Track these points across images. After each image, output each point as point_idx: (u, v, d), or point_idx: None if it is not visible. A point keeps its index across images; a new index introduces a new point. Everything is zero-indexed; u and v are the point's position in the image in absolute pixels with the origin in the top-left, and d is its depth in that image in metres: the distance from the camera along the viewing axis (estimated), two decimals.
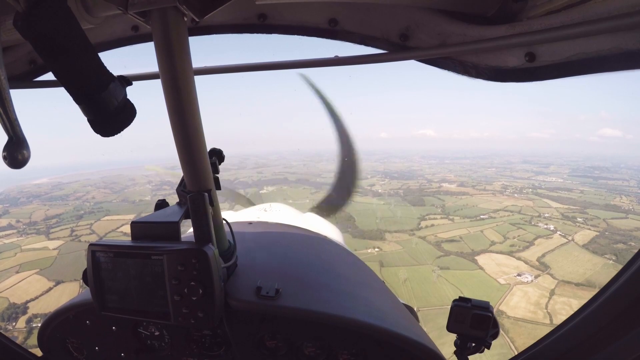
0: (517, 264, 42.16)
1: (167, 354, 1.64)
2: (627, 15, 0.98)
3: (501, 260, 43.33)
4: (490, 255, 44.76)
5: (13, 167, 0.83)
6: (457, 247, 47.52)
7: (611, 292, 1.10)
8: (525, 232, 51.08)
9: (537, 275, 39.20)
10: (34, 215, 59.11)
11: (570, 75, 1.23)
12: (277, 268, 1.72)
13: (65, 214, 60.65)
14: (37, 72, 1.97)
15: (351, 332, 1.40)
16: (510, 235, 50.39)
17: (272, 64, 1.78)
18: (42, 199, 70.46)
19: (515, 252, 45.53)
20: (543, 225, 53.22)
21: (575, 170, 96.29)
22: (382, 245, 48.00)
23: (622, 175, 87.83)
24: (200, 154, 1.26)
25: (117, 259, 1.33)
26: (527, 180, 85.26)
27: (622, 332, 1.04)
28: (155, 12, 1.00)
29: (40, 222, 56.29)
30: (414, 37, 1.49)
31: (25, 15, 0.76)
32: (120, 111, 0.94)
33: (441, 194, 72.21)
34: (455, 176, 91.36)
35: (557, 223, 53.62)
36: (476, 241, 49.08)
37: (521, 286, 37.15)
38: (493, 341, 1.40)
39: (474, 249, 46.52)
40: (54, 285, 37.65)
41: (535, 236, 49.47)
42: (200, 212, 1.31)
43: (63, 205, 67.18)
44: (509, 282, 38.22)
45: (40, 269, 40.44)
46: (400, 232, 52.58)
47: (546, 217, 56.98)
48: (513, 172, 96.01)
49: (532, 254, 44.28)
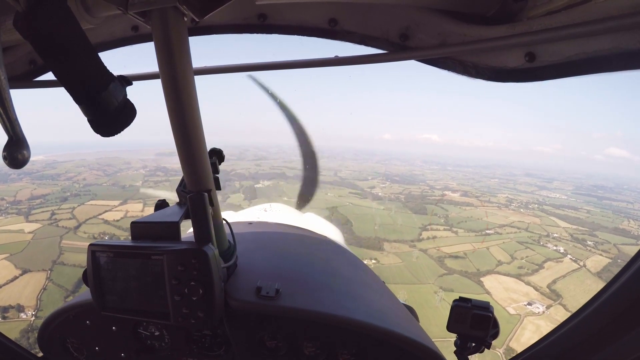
0: (526, 290, 39.18)
1: (167, 354, 1.64)
2: (627, 15, 0.98)
3: (509, 285, 40.34)
4: (497, 277, 41.82)
5: (13, 167, 0.83)
6: (461, 265, 44.34)
7: (611, 292, 1.10)
8: (534, 253, 48.08)
9: (549, 306, 36.24)
10: (19, 194, 57.05)
11: (570, 75, 1.23)
12: (277, 268, 1.72)
13: (51, 194, 58.54)
14: (37, 72, 1.97)
15: (351, 332, 1.40)
16: (518, 255, 47.42)
17: (272, 64, 1.78)
18: (33, 177, 68.06)
19: (523, 275, 42.47)
20: (552, 247, 50.24)
21: (579, 187, 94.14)
22: (380, 257, 45.01)
23: (625, 197, 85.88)
24: (200, 154, 1.26)
25: (117, 259, 1.33)
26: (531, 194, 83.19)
27: (622, 332, 1.04)
28: (155, 12, 1.00)
29: (24, 202, 54.26)
30: (414, 37, 1.49)
31: (25, 15, 0.76)
32: (120, 111, 0.94)
33: (444, 203, 69.24)
34: (458, 184, 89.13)
35: (567, 245, 50.68)
36: (482, 259, 45.85)
37: (532, 318, 34.03)
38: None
39: (479, 269, 43.44)
40: (20, 274, 35.67)
41: (545, 258, 46.44)
42: (200, 212, 1.31)
43: (52, 185, 64.95)
44: (518, 312, 35.10)
45: (11, 253, 38.60)
46: (400, 242, 49.71)
47: (555, 237, 54.21)
48: (516, 185, 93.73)
49: (542, 279, 41.32)
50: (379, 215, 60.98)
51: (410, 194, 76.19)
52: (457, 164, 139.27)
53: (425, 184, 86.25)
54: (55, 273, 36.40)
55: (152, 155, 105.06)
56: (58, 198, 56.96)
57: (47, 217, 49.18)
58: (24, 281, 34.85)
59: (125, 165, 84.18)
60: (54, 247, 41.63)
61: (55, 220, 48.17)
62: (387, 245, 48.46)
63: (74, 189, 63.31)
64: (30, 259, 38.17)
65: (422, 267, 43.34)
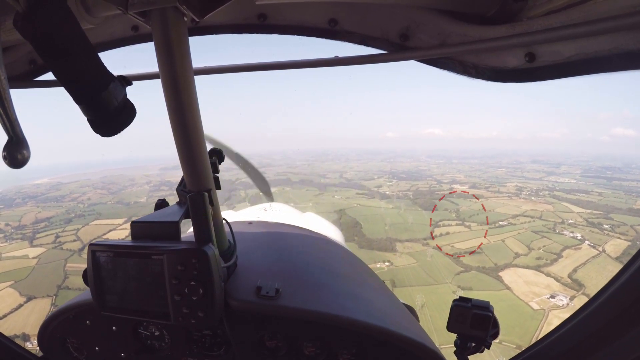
0: (547, 282, 37.89)
1: (167, 354, 1.64)
2: (627, 15, 0.98)
3: (529, 277, 38.85)
4: (515, 271, 40.24)
5: (13, 167, 0.83)
6: (477, 260, 42.66)
7: (611, 292, 1.10)
8: (551, 242, 46.90)
9: (572, 297, 35.37)
10: (24, 218, 57.02)
11: (571, 76, 1.23)
12: (277, 268, 1.72)
13: (56, 217, 58.50)
14: (37, 72, 1.97)
15: (351, 332, 1.40)
16: (535, 245, 46.17)
17: (272, 64, 1.78)
18: (38, 200, 68.64)
19: (542, 266, 41.13)
20: (569, 234, 48.95)
21: (587, 170, 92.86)
22: (393, 259, 43.32)
23: (635, 176, 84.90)
24: (200, 154, 1.26)
25: (117, 258, 1.33)
26: (540, 181, 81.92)
27: (623, 332, 1.04)
28: (155, 12, 1.00)
29: (28, 226, 54.26)
30: (414, 37, 1.49)
31: (25, 15, 0.76)
32: (120, 111, 0.94)
33: (454, 197, 67.63)
34: (465, 177, 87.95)
35: (584, 231, 49.30)
36: (498, 253, 44.41)
37: (557, 312, 32.91)
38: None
39: (496, 263, 41.88)
40: (25, 301, 35.28)
41: (563, 247, 45.28)
42: (200, 212, 1.31)
43: (56, 207, 65.21)
44: (542, 306, 34.12)
45: (15, 280, 38.24)
46: (412, 241, 48.12)
47: (570, 223, 52.99)
48: (524, 173, 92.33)
49: (562, 269, 40.01)
50: (389, 214, 59.85)
51: (418, 190, 75.18)
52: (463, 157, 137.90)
53: (432, 179, 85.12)
54: (60, 298, 35.95)
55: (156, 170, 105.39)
56: (62, 220, 57.00)
57: (51, 240, 49.19)
58: (29, 309, 34.64)
59: (129, 182, 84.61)
60: (58, 271, 41.28)
61: (60, 243, 48.18)
62: (399, 245, 47.15)
63: (78, 210, 63.38)
64: (35, 285, 37.84)
65: (437, 266, 41.94)
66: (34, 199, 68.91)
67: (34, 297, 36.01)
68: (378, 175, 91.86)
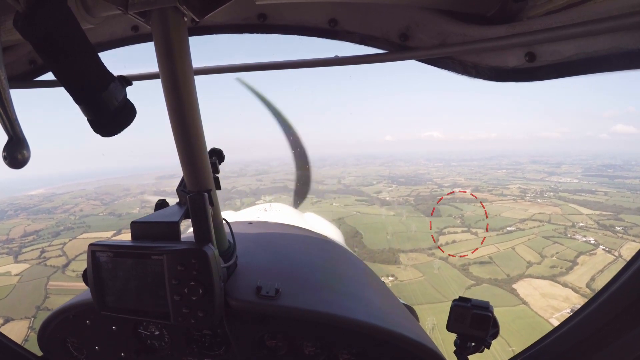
0: (565, 294, 35.46)
1: (167, 353, 1.64)
2: (627, 15, 0.98)
3: (545, 289, 36.19)
4: (530, 282, 37.49)
5: (13, 167, 0.83)
6: (488, 272, 39.62)
7: (611, 292, 1.10)
8: (564, 248, 44.24)
9: None
10: (12, 231, 55.05)
11: (570, 75, 1.23)
12: (277, 268, 1.72)
13: (45, 230, 56.43)
14: (37, 72, 1.97)
15: (351, 332, 1.40)
16: (547, 252, 43.53)
17: (272, 64, 1.78)
18: (29, 212, 66.80)
19: (558, 275, 38.55)
20: (581, 238, 46.34)
21: (587, 169, 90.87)
22: (398, 272, 40.30)
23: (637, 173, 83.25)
24: (200, 154, 1.27)
25: (117, 258, 1.33)
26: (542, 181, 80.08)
27: (623, 332, 1.04)
28: (155, 12, 1.00)
29: (16, 240, 52.24)
30: (414, 37, 1.49)
31: (25, 15, 0.76)
32: (120, 111, 0.95)
33: (457, 202, 64.87)
34: (466, 179, 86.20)
35: (596, 234, 46.66)
36: (509, 262, 41.41)
37: None
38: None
39: (509, 274, 39.08)
40: (2, 323, 33.40)
41: (577, 253, 42.51)
42: (200, 212, 1.31)
43: (47, 219, 63.13)
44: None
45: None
46: (416, 251, 45.15)
47: (581, 226, 50.51)
48: (525, 174, 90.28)
49: (579, 278, 37.49)
50: (390, 222, 56.34)
51: (419, 195, 72.55)
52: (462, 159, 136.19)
53: (433, 183, 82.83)
54: (38, 321, 34.15)
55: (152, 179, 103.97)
56: (51, 233, 54.92)
57: (36, 255, 47.09)
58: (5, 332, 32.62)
59: (123, 193, 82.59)
60: (39, 290, 39.50)
61: (44, 259, 46.18)
62: (403, 256, 43.95)
63: (68, 222, 61.26)
64: (13, 306, 36.02)
65: (445, 279, 38.93)
66: (25, 211, 67.00)
67: (11, 319, 34.33)
68: (377, 180, 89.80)
